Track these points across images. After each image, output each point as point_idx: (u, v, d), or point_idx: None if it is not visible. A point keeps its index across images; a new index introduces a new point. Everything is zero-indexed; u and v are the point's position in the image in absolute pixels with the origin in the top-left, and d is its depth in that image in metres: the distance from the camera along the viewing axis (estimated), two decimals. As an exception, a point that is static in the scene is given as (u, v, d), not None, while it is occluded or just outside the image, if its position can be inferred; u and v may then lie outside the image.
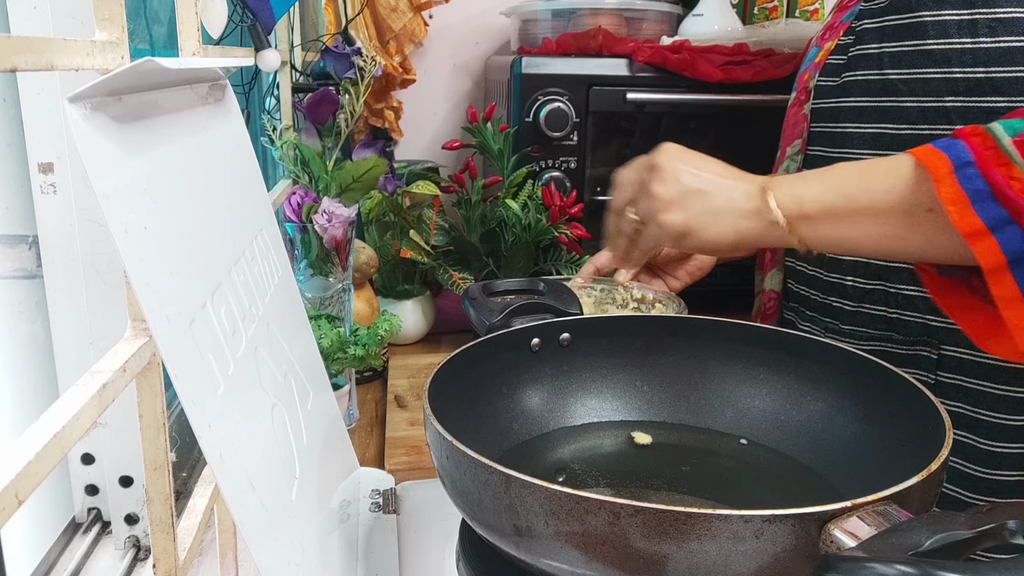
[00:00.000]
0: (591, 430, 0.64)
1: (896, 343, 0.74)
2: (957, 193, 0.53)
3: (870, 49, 0.74)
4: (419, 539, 0.60)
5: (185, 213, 0.42)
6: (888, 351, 0.74)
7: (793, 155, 0.84)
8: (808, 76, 0.84)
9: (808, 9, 1.39)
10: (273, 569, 0.41)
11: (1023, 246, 0.51)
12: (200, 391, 0.37)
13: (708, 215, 0.61)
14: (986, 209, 0.52)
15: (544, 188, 1.12)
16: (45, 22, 0.58)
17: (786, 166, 0.85)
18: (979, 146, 0.53)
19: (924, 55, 0.69)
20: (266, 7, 0.76)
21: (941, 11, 0.68)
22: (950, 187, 0.53)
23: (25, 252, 0.64)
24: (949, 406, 0.71)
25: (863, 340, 0.76)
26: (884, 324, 0.75)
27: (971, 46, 0.67)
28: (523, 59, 1.12)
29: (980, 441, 0.70)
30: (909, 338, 0.73)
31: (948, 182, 0.53)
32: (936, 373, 0.72)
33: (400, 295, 1.16)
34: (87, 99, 0.33)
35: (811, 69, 0.84)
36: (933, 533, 0.35)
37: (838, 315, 0.79)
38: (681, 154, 0.64)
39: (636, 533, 0.38)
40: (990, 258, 0.52)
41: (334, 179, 0.90)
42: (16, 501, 0.27)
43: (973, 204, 0.52)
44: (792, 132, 0.85)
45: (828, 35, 0.84)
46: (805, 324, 0.84)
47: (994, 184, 0.52)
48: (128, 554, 0.68)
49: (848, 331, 0.78)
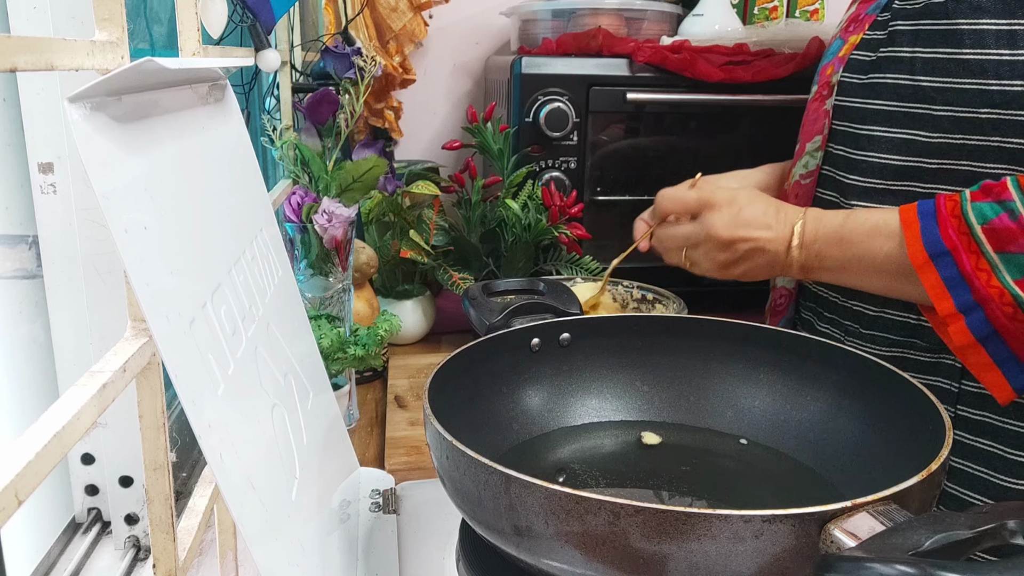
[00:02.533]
0: (591, 430, 0.64)
1: (919, 350, 0.73)
2: (935, 281, 0.63)
3: (902, 52, 0.72)
4: (419, 539, 0.60)
5: (185, 213, 0.42)
6: (910, 358, 0.73)
7: (813, 151, 0.82)
8: (831, 70, 0.81)
9: (808, 9, 1.39)
10: (273, 569, 0.41)
11: (988, 329, 0.61)
12: (200, 391, 0.37)
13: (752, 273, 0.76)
14: (959, 295, 0.62)
15: (544, 188, 1.12)
16: (45, 22, 0.58)
17: (805, 162, 0.83)
18: (955, 231, 0.62)
19: (959, 64, 0.67)
20: (266, 7, 0.76)
21: (979, 20, 0.66)
22: (930, 275, 0.63)
23: (25, 252, 0.64)
24: (974, 415, 0.70)
25: (884, 345, 0.75)
26: (907, 330, 0.74)
27: (1009, 58, 0.64)
28: (523, 59, 1.12)
29: (1006, 450, 0.69)
30: (933, 345, 0.72)
31: (927, 270, 0.63)
32: (960, 382, 0.70)
33: (400, 295, 1.16)
34: (87, 99, 0.33)
35: (834, 63, 0.81)
36: (933, 533, 0.35)
37: (859, 319, 0.78)
38: (735, 223, 0.73)
39: (636, 533, 0.38)
40: (961, 338, 0.63)
41: (334, 179, 0.90)
42: (16, 501, 0.27)
43: (949, 290, 0.63)
44: (812, 128, 0.82)
45: (853, 27, 0.80)
46: (824, 326, 0.83)
47: (965, 273, 0.62)
48: (128, 554, 0.68)
49: (869, 335, 0.77)
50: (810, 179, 0.82)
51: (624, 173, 1.20)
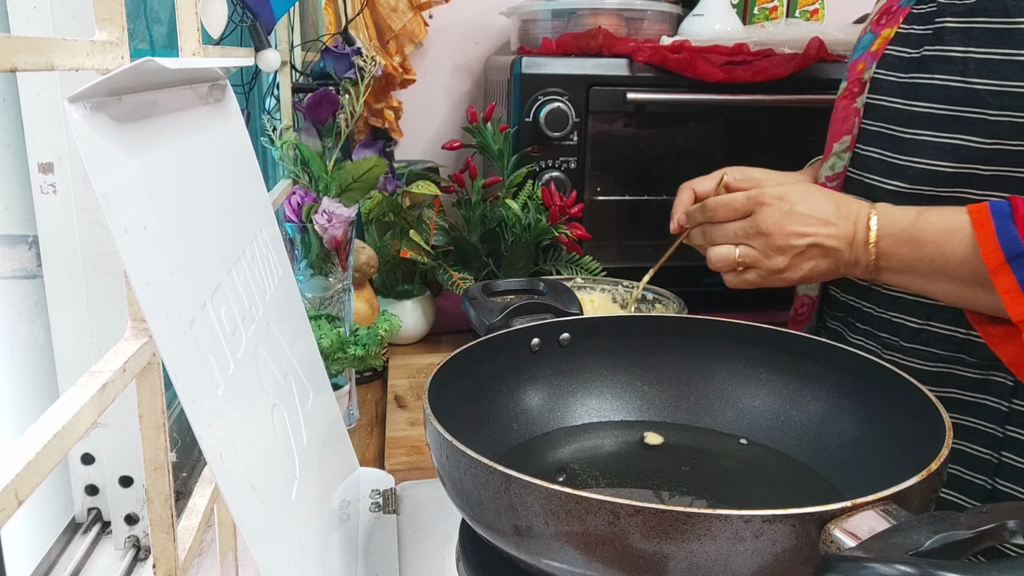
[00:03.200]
0: (591, 430, 0.64)
1: (967, 366, 0.69)
2: (1011, 283, 0.59)
3: (953, 52, 0.67)
4: (419, 539, 0.60)
5: (185, 213, 0.42)
6: (957, 374, 0.69)
7: (840, 152, 0.77)
8: (863, 66, 0.75)
9: (808, 9, 1.39)
10: (273, 569, 0.41)
11: None
12: (200, 391, 0.37)
13: (814, 276, 0.71)
14: None
15: (544, 188, 1.12)
16: (45, 22, 0.58)
17: (831, 163, 0.78)
18: None
19: (1018, 66, 0.63)
20: (266, 7, 0.76)
21: None
22: (1004, 277, 0.59)
23: (25, 252, 0.64)
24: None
25: (929, 361, 0.71)
26: (954, 344, 0.69)
27: None
28: (523, 59, 1.12)
29: None
30: (983, 361, 0.67)
31: (1002, 272, 0.59)
32: (1011, 400, 0.66)
33: (400, 295, 1.16)
34: (87, 99, 0.33)
35: (866, 58, 0.75)
36: (933, 533, 0.35)
37: (899, 331, 0.73)
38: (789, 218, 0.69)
39: (636, 533, 0.38)
40: None
41: (334, 179, 0.90)
42: (16, 501, 0.27)
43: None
44: (841, 127, 0.77)
45: (885, 20, 0.75)
46: (856, 337, 0.78)
47: None
48: (128, 554, 0.68)
49: (911, 350, 0.72)
50: (836, 181, 0.78)
51: (624, 173, 1.20)
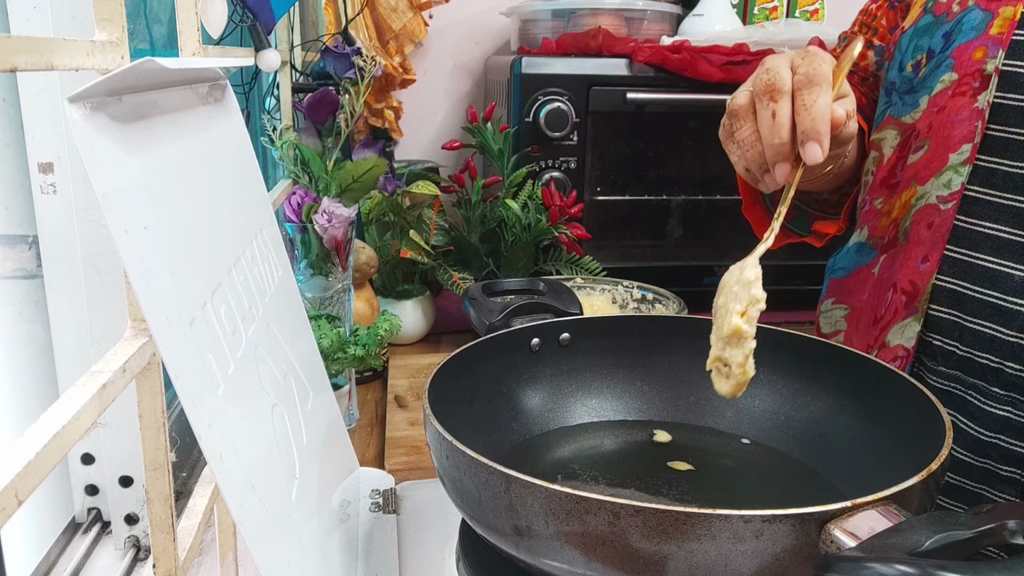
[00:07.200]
0: (591, 430, 0.64)
1: None
2: None
3: None
4: (419, 539, 0.60)
5: (185, 213, 0.42)
6: None
7: (958, 165, 0.62)
8: (982, 53, 0.61)
9: (808, 9, 1.39)
10: (273, 569, 0.41)
11: None
12: (200, 391, 0.37)
13: None
14: None
15: (544, 188, 1.12)
16: (45, 22, 0.58)
17: (946, 179, 0.62)
18: None
19: None
20: (266, 7, 0.76)
21: None
22: None
23: (25, 252, 0.64)
24: None
25: None
26: None
27: None
28: (523, 59, 1.12)
29: None
30: None
31: None
32: None
33: (400, 295, 1.16)
34: (87, 99, 0.33)
35: (986, 44, 0.61)
36: (933, 533, 0.35)
37: None
38: None
39: (636, 533, 0.38)
40: None
41: (334, 179, 0.90)
42: (16, 501, 0.27)
43: None
44: (957, 132, 0.62)
45: None
46: (1000, 407, 0.61)
47: None
48: (128, 554, 0.68)
49: None
50: (952, 203, 0.62)
51: (624, 173, 1.20)
